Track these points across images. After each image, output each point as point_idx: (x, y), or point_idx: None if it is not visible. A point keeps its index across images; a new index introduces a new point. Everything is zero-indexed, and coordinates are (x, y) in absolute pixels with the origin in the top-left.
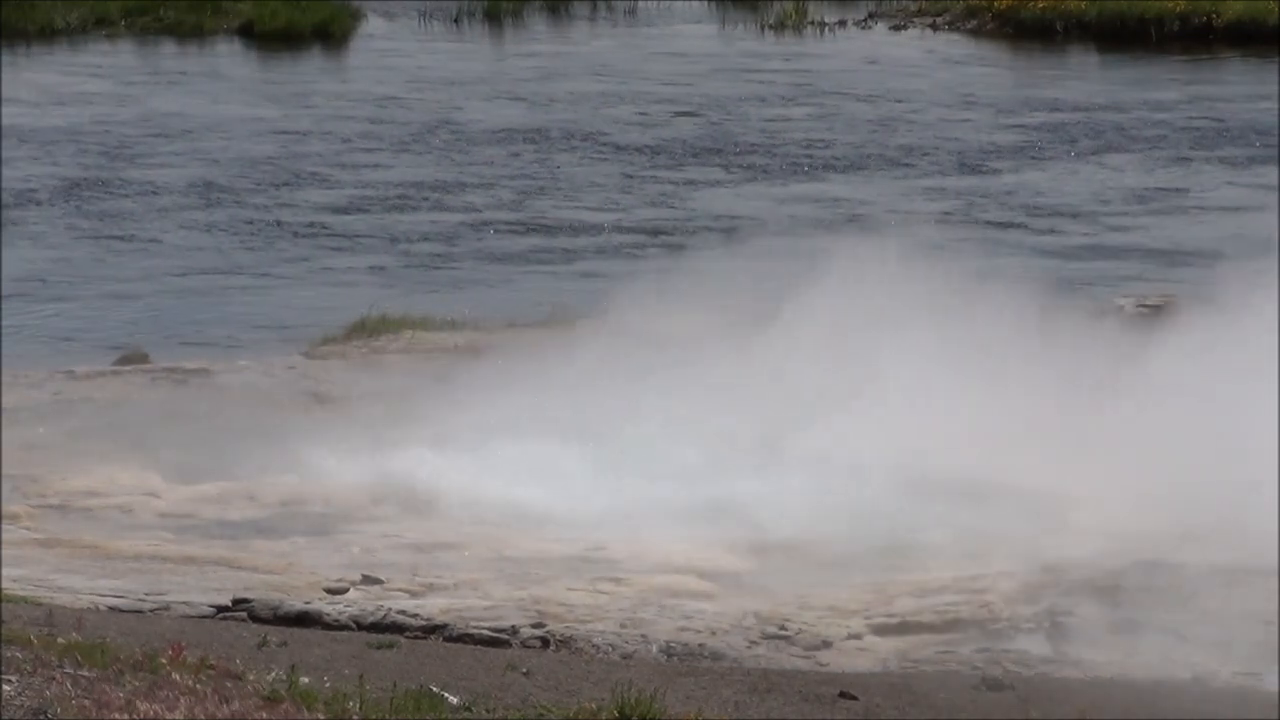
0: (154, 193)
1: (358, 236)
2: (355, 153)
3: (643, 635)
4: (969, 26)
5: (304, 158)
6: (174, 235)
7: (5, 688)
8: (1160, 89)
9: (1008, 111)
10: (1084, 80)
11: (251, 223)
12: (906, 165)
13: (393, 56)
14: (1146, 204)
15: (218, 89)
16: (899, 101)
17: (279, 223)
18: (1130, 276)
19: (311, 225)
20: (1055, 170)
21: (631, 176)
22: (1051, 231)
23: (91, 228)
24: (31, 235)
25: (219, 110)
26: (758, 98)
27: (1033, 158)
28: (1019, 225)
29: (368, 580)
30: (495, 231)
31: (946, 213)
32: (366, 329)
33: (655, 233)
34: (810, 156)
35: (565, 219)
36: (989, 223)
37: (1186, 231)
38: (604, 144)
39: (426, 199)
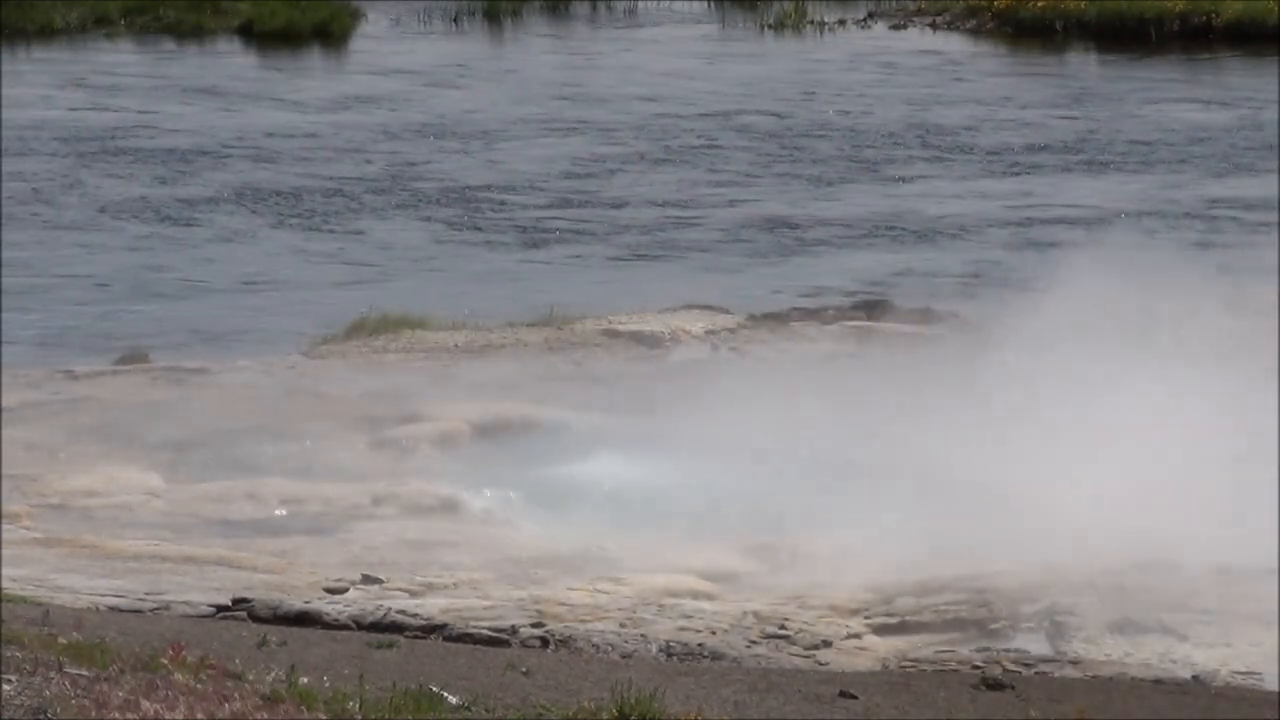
0: (384, 191)
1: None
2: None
3: (642, 635)
4: (968, 26)
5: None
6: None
7: (5, 688)
8: None
9: None
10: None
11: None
12: None
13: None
14: None
15: (498, 91)
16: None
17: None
18: None
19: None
20: None
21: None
22: None
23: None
24: (240, 230)
25: (509, 111)
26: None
27: None
28: None
29: (368, 580)
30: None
31: None
32: (366, 329)
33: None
34: None
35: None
36: None
37: None
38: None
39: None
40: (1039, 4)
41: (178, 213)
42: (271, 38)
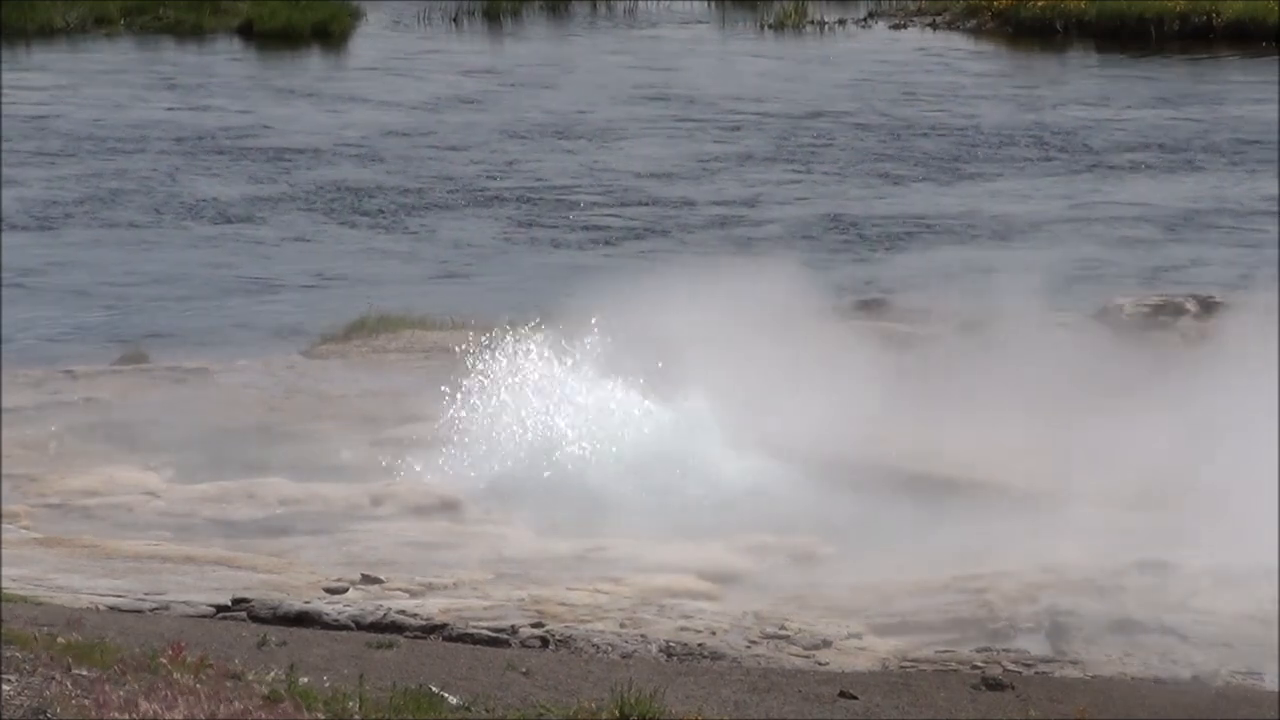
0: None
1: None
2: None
3: (642, 635)
4: (968, 26)
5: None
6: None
7: (5, 687)
8: None
9: None
10: None
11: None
12: None
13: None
14: None
15: (595, 92)
16: None
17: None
18: None
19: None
20: None
21: None
22: None
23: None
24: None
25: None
26: None
27: None
28: None
29: (367, 580)
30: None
31: None
32: (366, 328)
33: None
34: None
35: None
36: None
37: None
38: None
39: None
40: (1039, 4)
41: (256, 211)
42: (271, 37)
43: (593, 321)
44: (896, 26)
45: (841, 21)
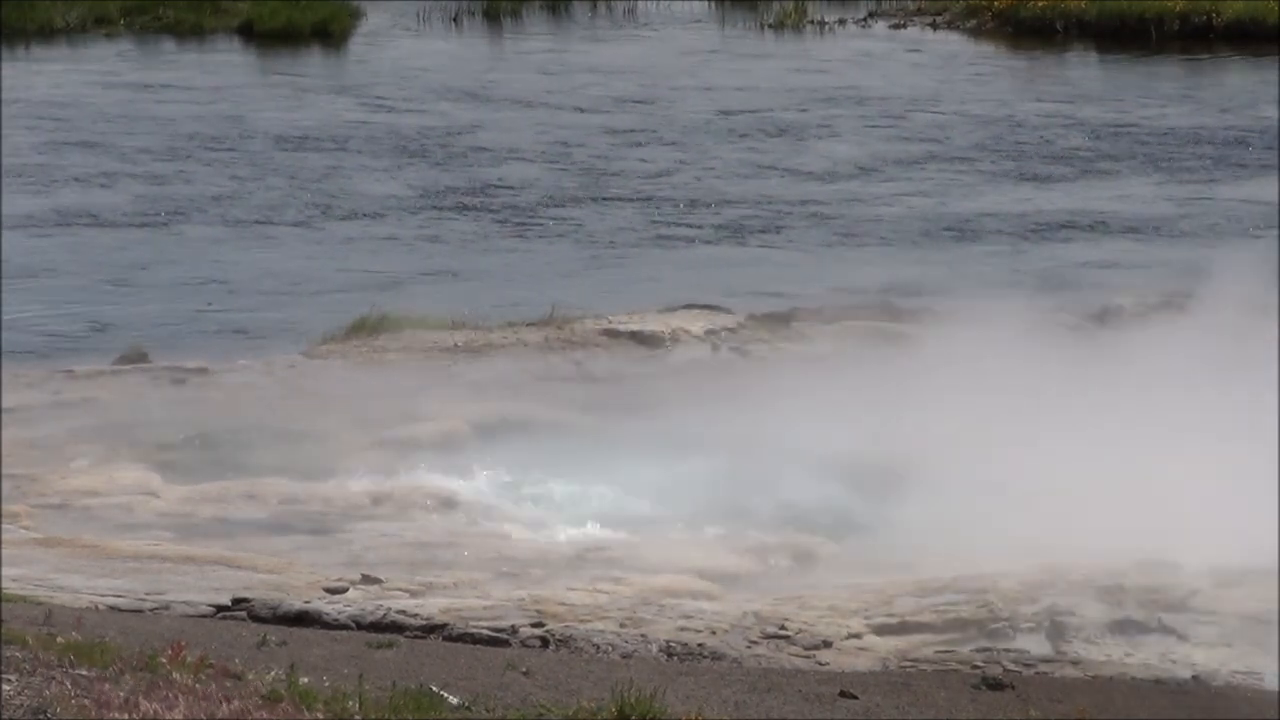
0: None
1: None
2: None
3: (642, 635)
4: (968, 26)
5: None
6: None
7: (5, 687)
8: None
9: None
10: None
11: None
12: None
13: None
14: None
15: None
16: None
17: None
18: None
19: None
20: None
21: None
22: None
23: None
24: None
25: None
26: None
27: None
28: None
29: (367, 580)
30: None
31: None
32: (366, 328)
33: None
34: None
35: None
36: None
37: None
38: None
39: None
40: (1039, 4)
41: (409, 207)
42: (271, 37)
43: None
44: (896, 26)
45: (842, 21)
